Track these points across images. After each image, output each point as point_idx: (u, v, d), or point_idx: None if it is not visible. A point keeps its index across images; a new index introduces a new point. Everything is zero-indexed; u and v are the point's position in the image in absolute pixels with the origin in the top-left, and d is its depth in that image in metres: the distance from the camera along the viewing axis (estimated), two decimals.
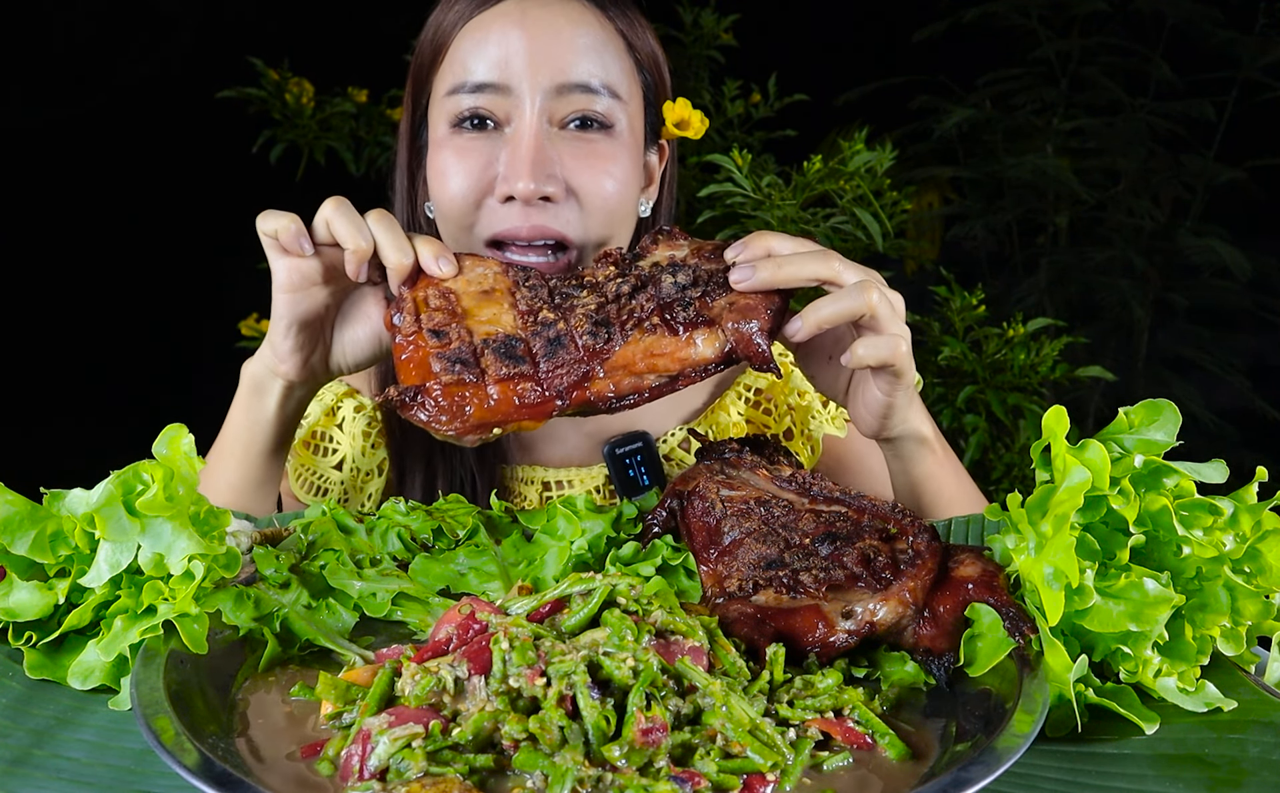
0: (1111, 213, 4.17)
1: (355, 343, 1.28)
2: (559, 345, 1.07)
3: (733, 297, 1.10)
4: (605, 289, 1.13)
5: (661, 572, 1.07)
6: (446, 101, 1.36)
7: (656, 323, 1.09)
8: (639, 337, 1.08)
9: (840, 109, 4.10)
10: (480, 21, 1.35)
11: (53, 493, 0.98)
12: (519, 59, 1.32)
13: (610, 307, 1.11)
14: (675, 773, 0.72)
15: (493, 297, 1.14)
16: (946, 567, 0.95)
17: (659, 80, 1.47)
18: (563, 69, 1.33)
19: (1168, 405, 0.91)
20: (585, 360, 1.07)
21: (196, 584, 0.90)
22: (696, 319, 1.09)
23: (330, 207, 1.19)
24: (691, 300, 1.10)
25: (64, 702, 0.90)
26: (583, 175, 1.34)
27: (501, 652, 0.79)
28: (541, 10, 1.34)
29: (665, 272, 1.14)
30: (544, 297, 1.13)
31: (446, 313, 1.11)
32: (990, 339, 2.81)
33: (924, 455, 1.29)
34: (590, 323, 1.08)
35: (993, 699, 0.84)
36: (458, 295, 1.14)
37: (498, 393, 1.05)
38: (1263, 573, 0.91)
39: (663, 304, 1.10)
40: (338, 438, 1.57)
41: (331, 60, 3.97)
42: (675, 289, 1.11)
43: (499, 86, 1.33)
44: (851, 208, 2.63)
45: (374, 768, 0.72)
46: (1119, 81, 4.05)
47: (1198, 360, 4.16)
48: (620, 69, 1.38)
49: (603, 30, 1.37)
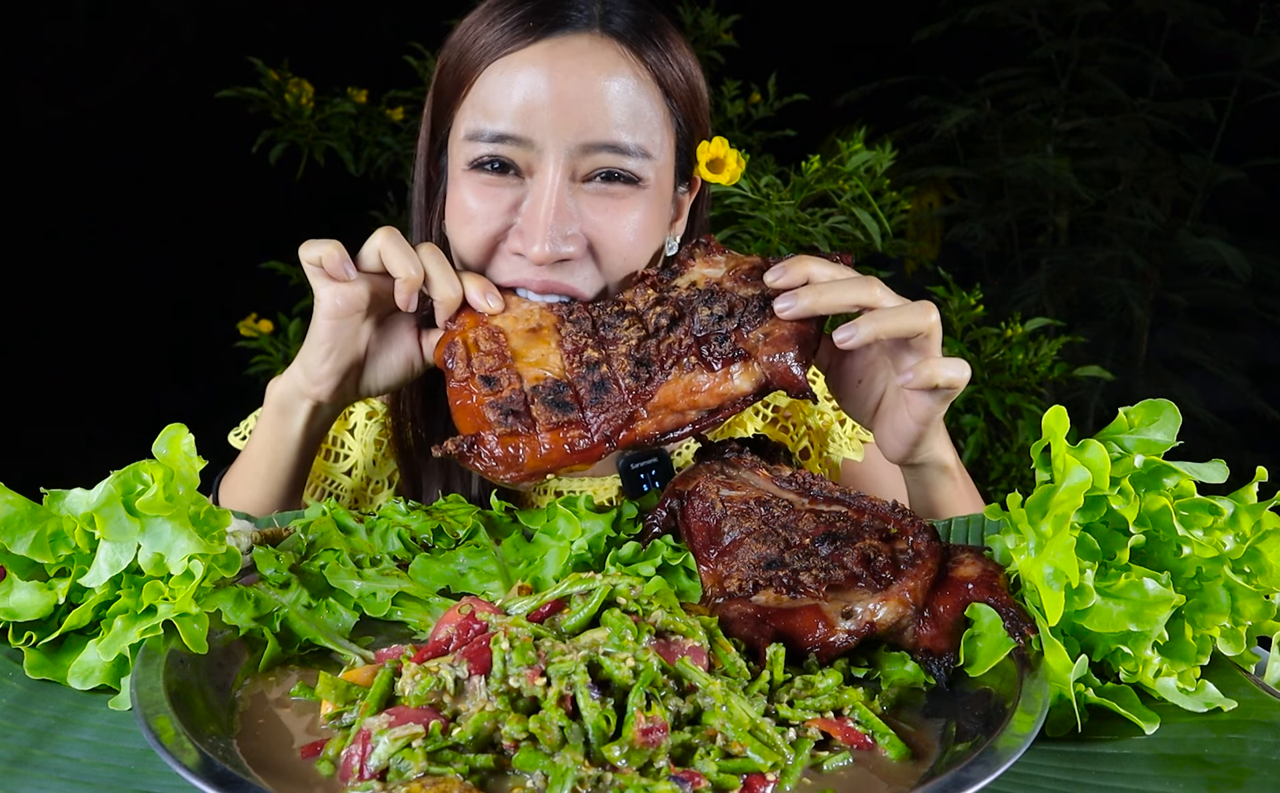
0: (1111, 213, 4.17)
1: (388, 368, 1.30)
2: (604, 390, 1.12)
3: (768, 326, 1.13)
4: (645, 318, 1.17)
5: (661, 572, 1.07)
6: (467, 146, 1.29)
7: (694, 360, 1.13)
8: (678, 375, 1.13)
9: (840, 109, 4.11)
10: (507, 62, 1.26)
11: (53, 493, 0.98)
12: (545, 112, 1.24)
13: (650, 341, 1.15)
14: (675, 773, 0.72)
15: (539, 335, 1.19)
16: (946, 567, 0.95)
17: (694, 118, 1.36)
18: (590, 127, 1.24)
19: (1168, 405, 0.91)
20: (629, 402, 1.12)
21: (196, 584, 0.90)
22: (732, 354, 1.13)
23: (382, 236, 1.22)
24: (727, 333, 1.13)
25: (64, 702, 0.90)
26: (603, 230, 1.27)
27: (501, 652, 0.79)
28: (572, 59, 1.24)
29: (701, 301, 1.17)
30: (587, 328, 1.18)
31: (496, 356, 1.16)
32: (988, 339, 2.81)
33: (945, 482, 1.28)
34: (632, 362, 1.13)
35: (993, 699, 0.84)
36: (506, 335, 1.19)
37: (549, 442, 1.10)
38: (1263, 573, 0.91)
39: (699, 338, 1.14)
40: (349, 444, 1.57)
41: (331, 60, 3.97)
42: (712, 320, 1.14)
43: (521, 139, 1.25)
44: (850, 208, 2.63)
45: (374, 768, 0.72)
46: (1119, 81, 4.05)
47: (1198, 360, 4.17)
48: (654, 122, 1.29)
49: (636, 78, 1.27)
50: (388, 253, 1.22)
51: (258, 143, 3.59)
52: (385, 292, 1.25)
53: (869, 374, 1.23)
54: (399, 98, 3.75)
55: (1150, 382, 4.10)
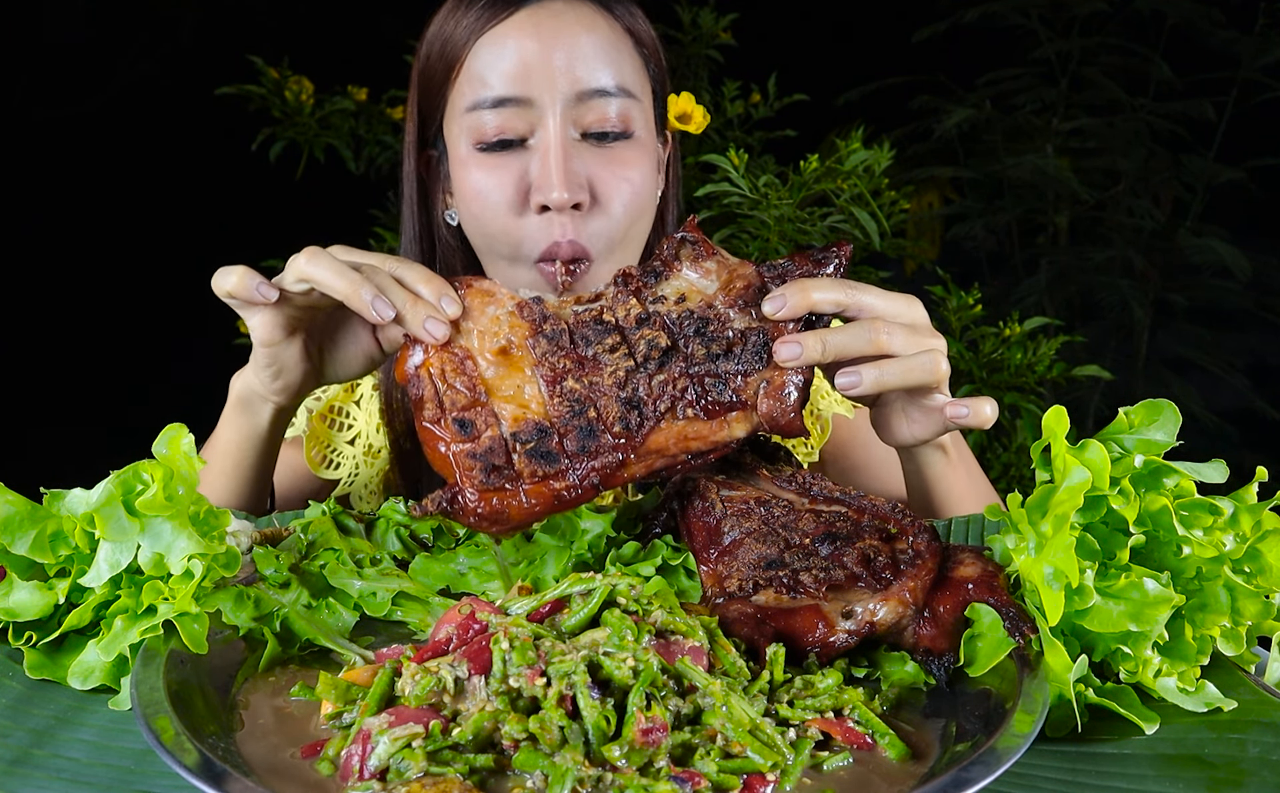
0: (1111, 213, 4.17)
1: (345, 363, 1.26)
2: (592, 436, 1.03)
3: (768, 374, 1.05)
4: (631, 340, 1.06)
5: (661, 572, 1.07)
6: (467, 118, 1.35)
7: (691, 412, 1.04)
8: (671, 421, 1.04)
9: (840, 109, 4.10)
10: (494, 35, 1.35)
11: (52, 493, 0.98)
12: (538, 70, 1.32)
13: (639, 375, 1.05)
14: (675, 773, 0.72)
15: (510, 359, 1.07)
16: (946, 567, 0.95)
17: (661, 71, 1.47)
18: (581, 76, 1.33)
19: (1168, 405, 0.91)
20: (618, 449, 1.03)
21: (196, 584, 0.90)
22: (732, 403, 1.05)
23: (303, 259, 1.13)
24: (726, 378, 1.05)
25: (64, 702, 0.90)
26: (604, 184, 1.35)
27: (501, 652, 0.79)
28: (554, 20, 1.34)
29: (695, 331, 1.06)
30: (565, 345, 1.07)
31: (468, 391, 1.05)
32: (987, 338, 2.81)
33: (938, 459, 1.28)
34: (620, 404, 1.04)
35: (993, 699, 0.84)
36: (474, 361, 1.07)
37: (535, 497, 1.03)
38: (1263, 573, 0.91)
39: (693, 377, 1.05)
40: (354, 414, 1.60)
41: (331, 59, 3.97)
42: (708, 360, 1.05)
43: (520, 99, 1.33)
44: (849, 207, 2.63)
45: (374, 768, 0.72)
46: (1119, 81, 4.05)
47: (1198, 360, 4.16)
48: (632, 67, 1.39)
49: (612, 31, 1.38)
50: (317, 278, 1.11)
51: (257, 140, 3.59)
52: (317, 303, 1.18)
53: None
54: (399, 97, 3.75)
55: (1150, 382, 4.10)
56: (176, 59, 5.31)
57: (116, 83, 5.32)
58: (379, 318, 1.08)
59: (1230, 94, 4.01)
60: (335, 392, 1.59)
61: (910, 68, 4.22)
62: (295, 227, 3.74)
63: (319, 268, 1.11)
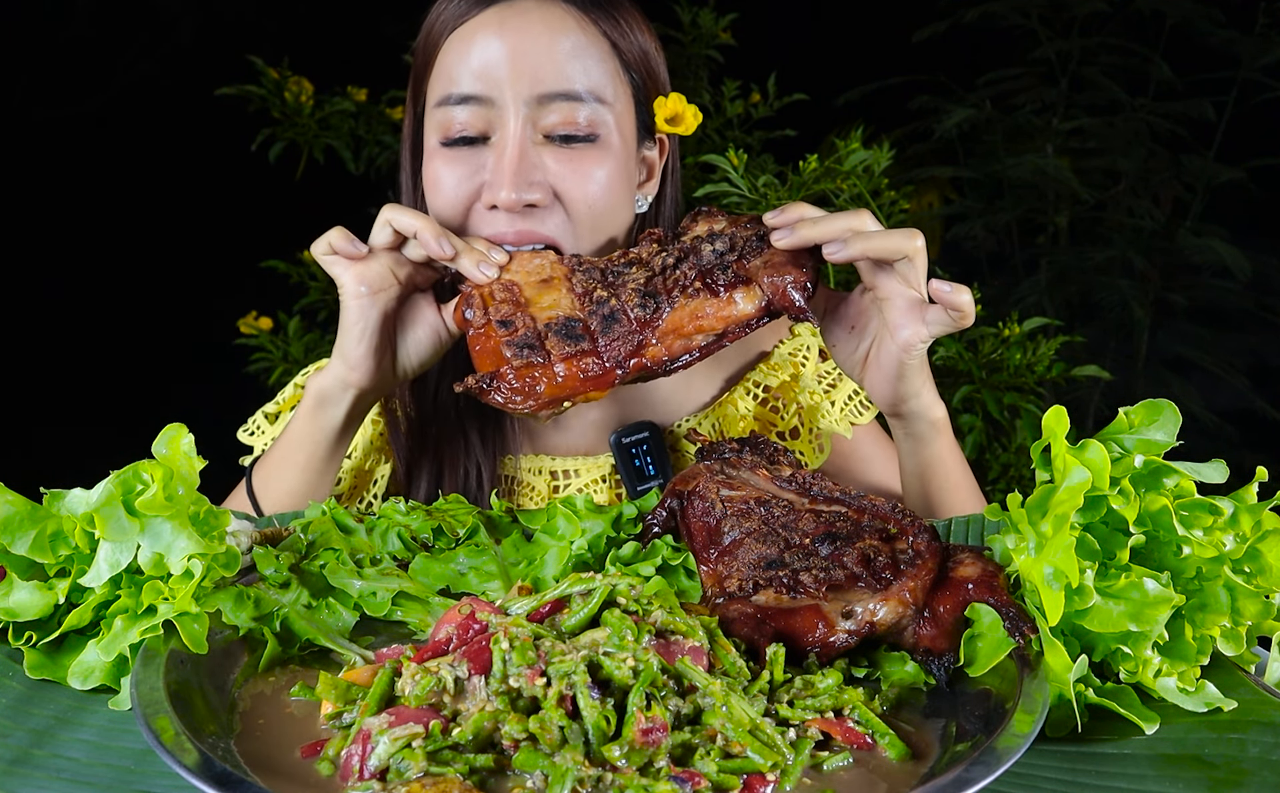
0: (1111, 213, 4.16)
1: (418, 344, 1.37)
2: (614, 320, 1.19)
3: (768, 255, 1.20)
4: (652, 264, 1.24)
5: (661, 572, 1.07)
6: (436, 113, 1.39)
7: (699, 287, 1.19)
8: (684, 302, 1.19)
9: (840, 109, 4.10)
10: (462, 32, 1.37)
11: (52, 493, 0.98)
12: (499, 70, 1.34)
13: (656, 279, 1.21)
14: (675, 773, 0.72)
15: (551, 284, 1.25)
16: (946, 567, 0.95)
17: (648, 77, 1.45)
18: (543, 78, 1.34)
19: (1168, 405, 0.91)
20: (638, 330, 1.18)
21: (196, 584, 0.90)
22: (735, 280, 1.19)
23: (388, 210, 1.30)
24: (729, 263, 1.20)
25: (64, 702, 0.90)
26: (567, 182, 1.36)
27: (501, 652, 0.79)
28: (520, 19, 1.35)
29: (705, 242, 1.23)
30: (597, 277, 1.25)
31: (511, 303, 1.23)
32: (987, 339, 2.81)
33: (935, 437, 1.32)
34: (640, 296, 1.20)
35: (993, 699, 0.84)
36: (519, 286, 1.25)
37: (564, 370, 1.17)
38: (1263, 573, 0.91)
39: (703, 270, 1.20)
40: None
41: (331, 59, 3.97)
42: (714, 256, 1.21)
43: (482, 98, 1.35)
44: (848, 207, 2.63)
45: (374, 768, 0.72)
46: (1119, 81, 4.04)
47: (1198, 360, 4.16)
48: (604, 72, 1.38)
49: (583, 33, 1.37)
50: (397, 220, 1.29)
51: (257, 141, 3.59)
52: (402, 268, 1.32)
53: (861, 321, 1.28)
54: (398, 97, 3.75)
55: (1150, 382, 4.10)
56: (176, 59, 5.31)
57: (116, 83, 5.32)
58: (441, 252, 1.27)
59: (1230, 94, 4.01)
60: None
61: (910, 68, 4.22)
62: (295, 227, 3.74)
63: (398, 212, 1.29)
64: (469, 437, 1.51)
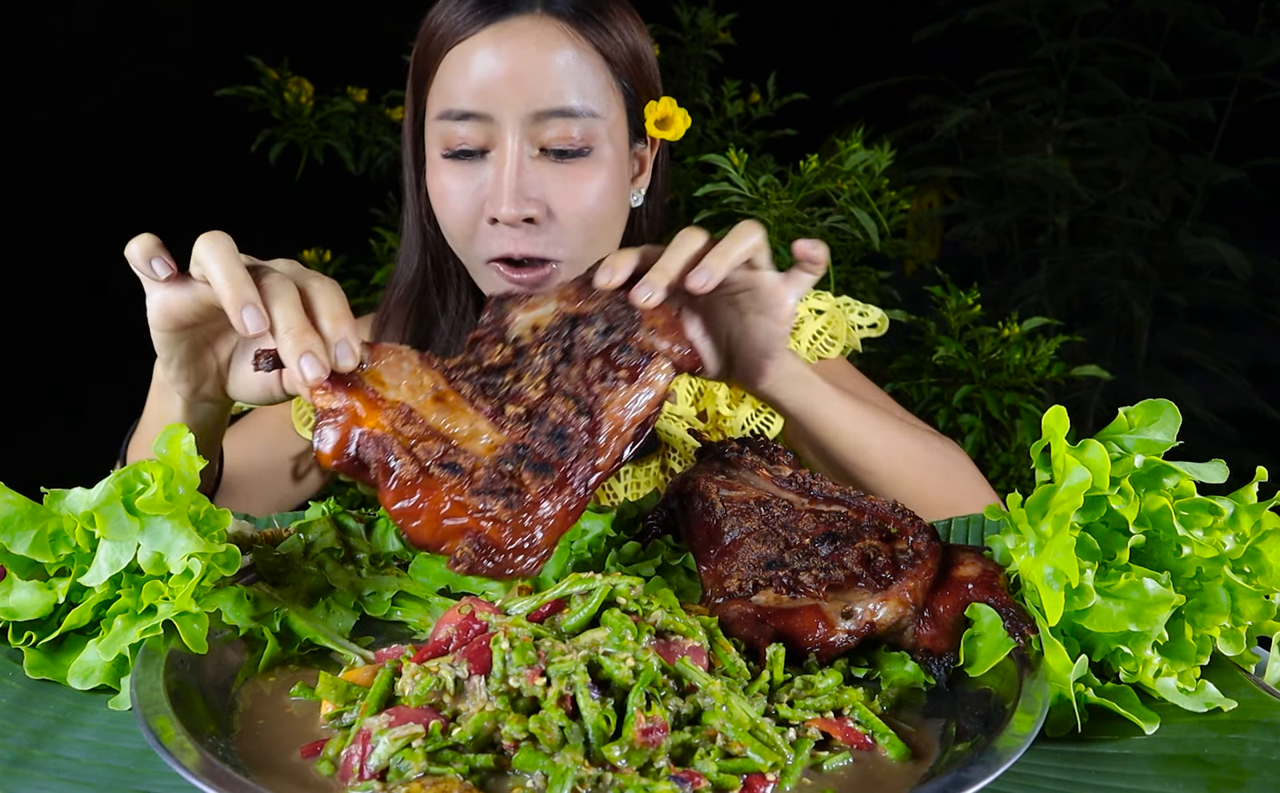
0: (1111, 213, 4.16)
1: (247, 387, 1.15)
2: (565, 438, 0.99)
3: (650, 321, 1.06)
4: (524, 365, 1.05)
5: (661, 572, 1.07)
6: (437, 125, 1.42)
7: (617, 377, 1.03)
8: (610, 397, 1.02)
9: (840, 109, 4.10)
10: (461, 49, 1.40)
11: (53, 492, 0.98)
12: (498, 88, 1.37)
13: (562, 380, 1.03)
14: (675, 773, 0.72)
15: (448, 402, 1.01)
16: (946, 567, 0.95)
17: (639, 81, 1.49)
18: (540, 96, 1.38)
19: (1167, 405, 0.91)
20: (590, 442, 1.00)
21: (196, 583, 0.90)
22: (641, 358, 1.04)
23: (202, 244, 1.00)
24: (623, 342, 1.05)
25: (64, 702, 0.90)
26: (561, 198, 1.40)
27: (501, 652, 0.79)
28: (516, 39, 1.38)
29: (568, 329, 1.06)
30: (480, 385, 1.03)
31: (434, 438, 0.97)
32: (986, 339, 2.81)
33: (810, 391, 1.25)
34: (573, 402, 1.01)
35: (993, 699, 0.84)
36: (418, 413, 0.99)
37: (549, 509, 0.95)
38: (1263, 573, 0.91)
39: (603, 356, 1.04)
40: None
41: (331, 60, 3.97)
42: (598, 338, 1.05)
43: (481, 115, 1.39)
44: (848, 207, 2.63)
45: (374, 768, 0.72)
46: (1119, 81, 4.04)
47: (1198, 360, 4.16)
48: (597, 86, 1.42)
49: (575, 48, 1.40)
50: (204, 261, 0.99)
51: (257, 141, 3.59)
52: (207, 299, 1.04)
53: (712, 319, 1.21)
54: (399, 98, 3.74)
55: (1150, 382, 4.10)
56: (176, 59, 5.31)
57: (116, 83, 5.32)
58: (243, 327, 0.96)
59: (1230, 94, 4.01)
60: None
61: (910, 68, 4.22)
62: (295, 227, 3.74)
63: (211, 252, 0.99)
64: None
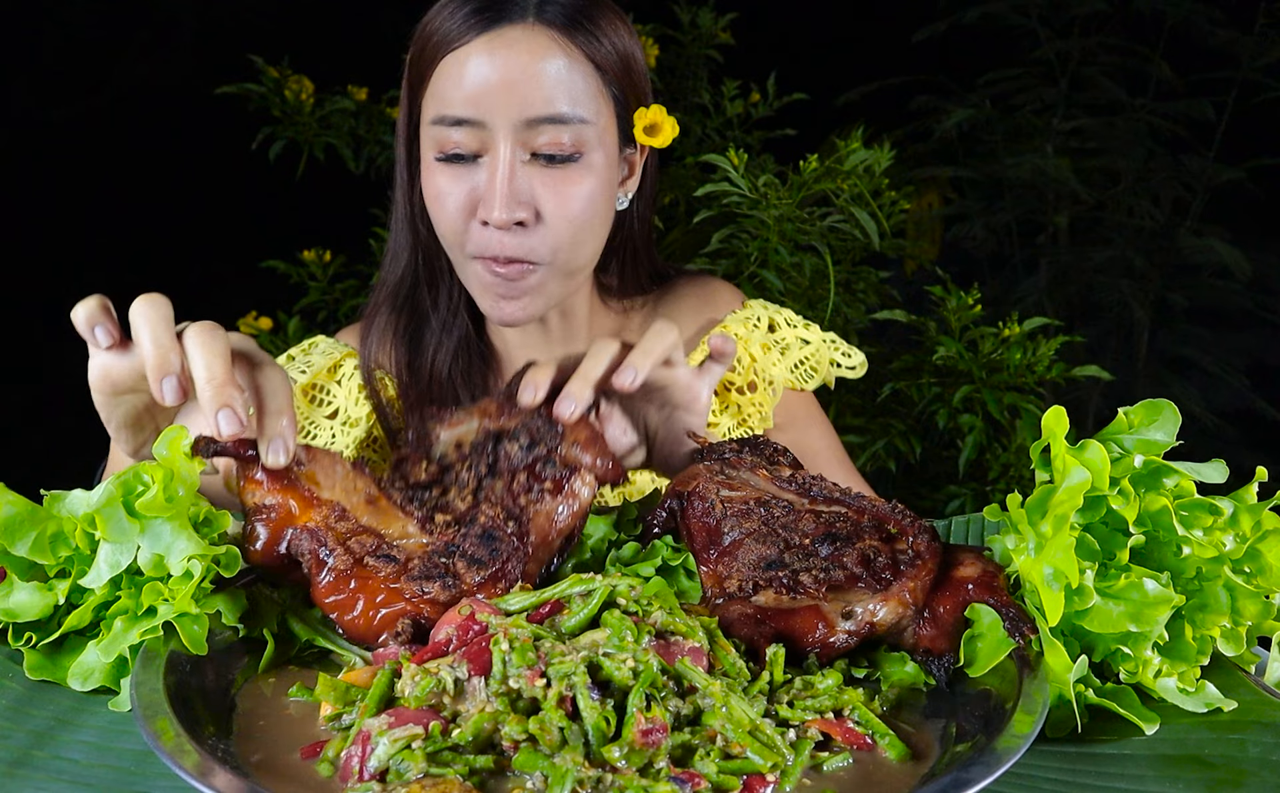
0: (1111, 213, 4.16)
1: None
2: (494, 540, 1.00)
3: (572, 436, 1.09)
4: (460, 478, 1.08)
5: (661, 572, 1.07)
6: (432, 129, 1.46)
7: (542, 489, 1.06)
8: (538, 508, 1.04)
9: (840, 109, 4.10)
10: (456, 56, 1.43)
11: (53, 494, 0.98)
12: (490, 97, 1.41)
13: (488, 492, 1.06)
14: (675, 774, 0.72)
15: (380, 506, 1.02)
16: (946, 567, 0.95)
17: (629, 88, 1.52)
18: (531, 103, 1.41)
19: (1167, 405, 0.91)
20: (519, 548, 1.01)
21: (196, 584, 0.90)
22: (565, 472, 1.07)
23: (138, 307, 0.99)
24: (548, 456, 1.08)
25: (64, 703, 0.90)
26: (550, 203, 1.44)
27: (501, 653, 0.79)
28: (508, 48, 1.41)
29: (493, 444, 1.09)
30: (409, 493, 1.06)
31: (370, 533, 0.99)
32: (986, 338, 2.81)
33: None
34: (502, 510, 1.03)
35: (993, 700, 0.84)
36: (353, 513, 1.00)
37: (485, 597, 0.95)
38: (1263, 573, 0.91)
39: (532, 473, 1.07)
40: (334, 391, 1.66)
41: (331, 59, 3.96)
42: (523, 453, 1.08)
43: (474, 121, 1.42)
44: (848, 207, 2.63)
45: (374, 769, 0.72)
46: (1119, 81, 4.04)
47: (1198, 360, 4.16)
48: (587, 92, 1.45)
49: (566, 56, 1.43)
50: (134, 323, 0.98)
51: (257, 140, 3.58)
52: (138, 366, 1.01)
53: (632, 413, 1.27)
54: (399, 97, 3.75)
55: (1150, 382, 4.10)
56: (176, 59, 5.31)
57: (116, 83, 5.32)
58: (160, 396, 0.96)
59: (1230, 94, 4.01)
60: (320, 368, 1.65)
61: (910, 68, 4.22)
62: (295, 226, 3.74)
63: (143, 317, 0.98)
64: None
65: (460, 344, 1.62)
